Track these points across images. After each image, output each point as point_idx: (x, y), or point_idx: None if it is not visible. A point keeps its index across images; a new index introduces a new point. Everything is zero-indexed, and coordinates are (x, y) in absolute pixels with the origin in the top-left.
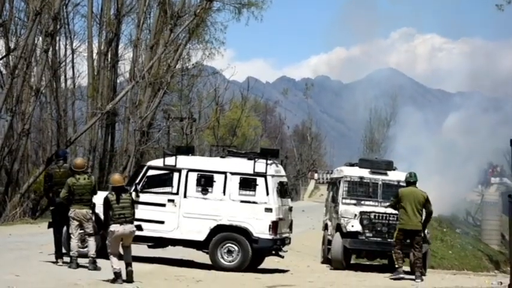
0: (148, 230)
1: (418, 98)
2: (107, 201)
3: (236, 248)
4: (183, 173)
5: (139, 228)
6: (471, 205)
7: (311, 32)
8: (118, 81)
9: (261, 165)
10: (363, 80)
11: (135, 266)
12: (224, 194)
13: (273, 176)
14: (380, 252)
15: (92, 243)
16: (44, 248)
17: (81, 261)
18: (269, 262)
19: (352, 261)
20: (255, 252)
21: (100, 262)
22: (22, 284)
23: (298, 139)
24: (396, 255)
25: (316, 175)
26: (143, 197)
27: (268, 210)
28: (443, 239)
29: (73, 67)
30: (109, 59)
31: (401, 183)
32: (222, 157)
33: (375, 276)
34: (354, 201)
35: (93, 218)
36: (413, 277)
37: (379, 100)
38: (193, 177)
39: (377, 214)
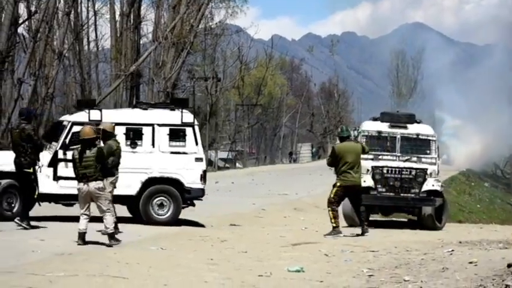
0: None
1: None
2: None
3: (168, 200)
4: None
5: None
6: (500, 158)
7: None
8: (141, 42)
9: (188, 115)
10: (390, 35)
11: (159, 228)
12: (153, 147)
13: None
14: (393, 207)
15: None
16: (70, 212)
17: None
18: (294, 220)
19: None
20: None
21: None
22: (46, 248)
23: (325, 96)
24: (334, 213)
25: None
26: (70, 154)
27: (199, 159)
28: (471, 193)
29: (95, 29)
30: (132, 20)
31: (421, 136)
32: (144, 109)
33: (398, 232)
34: (371, 156)
35: None
36: (355, 233)
37: (406, 55)
38: (120, 130)
39: (390, 168)
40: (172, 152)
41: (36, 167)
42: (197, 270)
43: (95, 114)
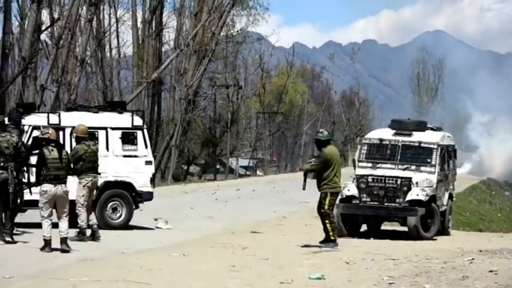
0: (35, 193)
1: (467, 59)
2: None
3: (121, 204)
4: (67, 131)
5: None
6: None
7: None
8: (163, 49)
9: (137, 118)
10: (411, 43)
11: (181, 235)
12: (107, 150)
13: None
14: (375, 216)
15: (94, 212)
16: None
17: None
18: (315, 228)
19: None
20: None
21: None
22: (68, 254)
23: (346, 104)
24: (333, 226)
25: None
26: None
27: (149, 163)
28: (491, 202)
29: (117, 36)
30: (153, 28)
31: (423, 145)
32: (95, 112)
33: (418, 240)
34: (369, 165)
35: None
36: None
37: (427, 63)
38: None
39: (375, 177)
40: (124, 156)
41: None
42: (219, 277)
43: (53, 118)
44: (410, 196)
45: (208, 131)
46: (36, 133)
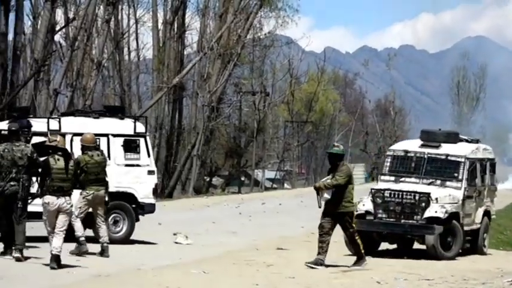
0: (34, 205)
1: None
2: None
3: (122, 217)
4: (68, 138)
5: None
6: None
7: None
8: (185, 52)
9: (140, 125)
10: (451, 50)
11: (202, 251)
12: (109, 159)
13: None
14: (390, 234)
15: (105, 228)
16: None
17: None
18: (345, 245)
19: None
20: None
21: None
22: (82, 269)
23: (380, 114)
24: (362, 245)
25: None
26: None
27: (151, 172)
28: None
29: (137, 38)
30: (175, 29)
31: (450, 158)
32: (95, 118)
33: (455, 260)
34: (392, 178)
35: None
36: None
37: (467, 70)
38: (78, 141)
39: (392, 192)
40: (126, 165)
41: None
42: None
43: (53, 124)
44: (428, 213)
45: (233, 141)
46: (36, 139)
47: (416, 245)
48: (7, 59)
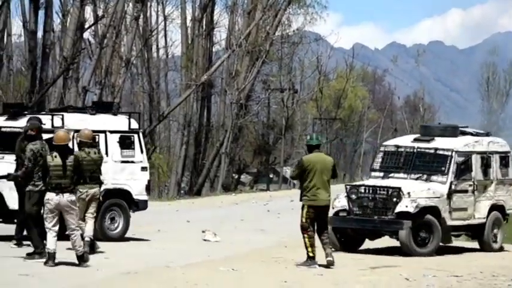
0: None
1: None
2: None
3: (118, 214)
4: (70, 134)
5: None
6: None
7: None
8: (213, 50)
9: (133, 121)
10: (480, 45)
11: (230, 249)
12: (107, 155)
13: None
14: (363, 230)
15: (91, 223)
16: (137, 230)
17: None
18: (375, 244)
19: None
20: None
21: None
22: (111, 266)
23: (409, 110)
24: (311, 241)
25: None
26: None
27: (144, 169)
28: None
29: (165, 35)
30: (204, 26)
31: (439, 151)
32: (92, 114)
33: (484, 256)
34: (381, 174)
35: (101, 198)
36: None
37: (497, 66)
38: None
39: (366, 188)
40: (122, 161)
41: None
42: None
43: (57, 121)
44: (398, 208)
45: (261, 138)
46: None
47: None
48: (36, 57)
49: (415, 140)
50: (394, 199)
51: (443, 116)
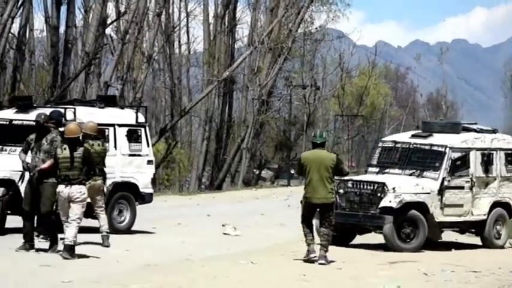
0: None
1: None
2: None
3: (125, 207)
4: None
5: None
6: None
7: None
8: (236, 46)
9: (140, 115)
10: (504, 44)
11: (250, 243)
12: (116, 148)
13: None
14: (349, 225)
15: (103, 217)
16: (158, 223)
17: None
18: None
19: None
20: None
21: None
22: (131, 259)
23: (432, 108)
24: (305, 235)
25: None
26: None
27: (150, 162)
28: None
29: (188, 32)
30: (226, 23)
31: (434, 148)
32: (101, 107)
33: (503, 252)
34: (377, 169)
35: (105, 191)
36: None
37: None
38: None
39: (353, 182)
40: (130, 155)
41: None
42: (288, 286)
43: (69, 114)
44: (383, 203)
45: (283, 134)
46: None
47: (461, 238)
48: (58, 52)
49: (413, 136)
50: (379, 194)
51: (466, 114)
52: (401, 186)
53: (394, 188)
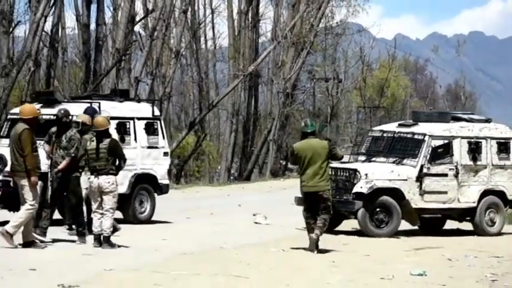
0: None
1: None
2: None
3: (145, 197)
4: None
5: None
6: None
7: None
8: (260, 41)
9: (155, 108)
10: None
11: (279, 231)
12: (136, 141)
13: None
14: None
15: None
16: (192, 213)
17: None
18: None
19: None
20: None
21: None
22: (168, 247)
23: (451, 99)
24: (307, 224)
25: None
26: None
27: (166, 154)
28: None
29: (213, 27)
30: (250, 19)
31: (416, 136)
32: (120, 101)
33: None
34: (364, 158)
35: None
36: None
37: None
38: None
39: (331, 169)
40: (148, 147)
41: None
42: (319, 272)
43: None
44: (355, 189)
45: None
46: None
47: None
48: (90, 49)
49: (399, 125)
50: (353, 180)
51: (484, 104)
52: (375, 173)
53: (366, 174)
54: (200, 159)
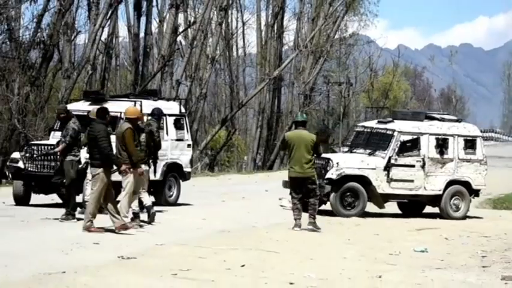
0: None
1: None
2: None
3: (173, 183)
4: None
5: None
6: None
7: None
8: (283, 50)
9: (182, 106)
10: (503, 48)
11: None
12: (167, 135)
13: None
14: None
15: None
16: (226, 197)
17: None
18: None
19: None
20: None
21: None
22: (208, 226)
23: (444, 101)
24: (292, 205)
25: None
26: None
27: (189, 146)
28: None
29: (243, 38)
30: (275, 30)
31: (388, 132)
32: (154, 100)
33: (506, 222)
34: (346, 149)
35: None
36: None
37: None
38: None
39: None
40: (176, 140)
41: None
42: (337, 248)
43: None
44: (328, 175)
45: (322, 123)
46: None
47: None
48: (139, 55)
49: (378, 122)
50: (328, 168)
51: (472, 106)
52: (346, 162)
53: (338, 163)
54: (230, 150)
